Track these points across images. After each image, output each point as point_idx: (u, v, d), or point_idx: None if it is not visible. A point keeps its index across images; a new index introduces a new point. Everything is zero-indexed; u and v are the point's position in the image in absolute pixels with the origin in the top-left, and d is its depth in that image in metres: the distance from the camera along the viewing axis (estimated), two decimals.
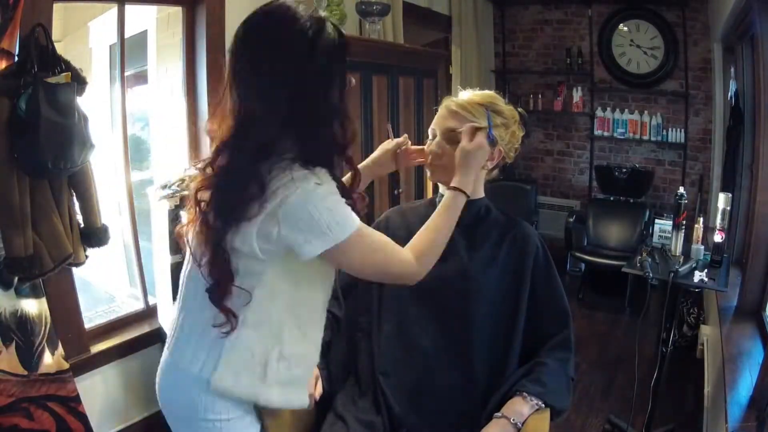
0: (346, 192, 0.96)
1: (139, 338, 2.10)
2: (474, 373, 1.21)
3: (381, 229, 1.35)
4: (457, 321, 1.23)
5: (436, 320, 1.24)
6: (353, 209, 0.96)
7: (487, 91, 1.29)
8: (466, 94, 1.27)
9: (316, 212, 0.88)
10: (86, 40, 2.92)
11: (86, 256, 1.79)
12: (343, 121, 0.94)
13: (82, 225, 1.77)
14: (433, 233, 1.07)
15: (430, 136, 1.28)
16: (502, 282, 1.24)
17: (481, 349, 1.22)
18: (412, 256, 1.02)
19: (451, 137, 1.21)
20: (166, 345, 1.07)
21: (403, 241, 1.31)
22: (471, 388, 1.21)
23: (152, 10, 2.61)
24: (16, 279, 1.59)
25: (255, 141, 0.88)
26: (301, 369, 1.04)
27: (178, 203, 1.91)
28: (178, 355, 1.01)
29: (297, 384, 1.04)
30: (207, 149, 2.38)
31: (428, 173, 1.31)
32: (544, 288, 1.26)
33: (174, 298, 1.95)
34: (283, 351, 0.99)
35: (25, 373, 1.64)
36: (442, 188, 1.33)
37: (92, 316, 2.85)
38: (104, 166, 2.26)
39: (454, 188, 1.11)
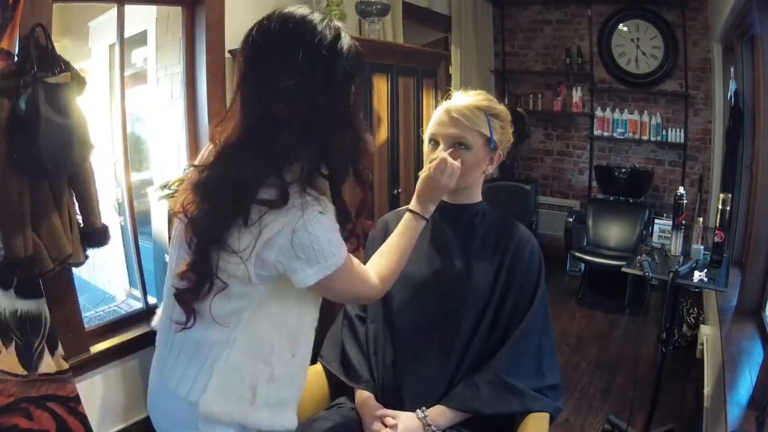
0: (347, 214, 0.95)
1: (139, 338, 2.10)
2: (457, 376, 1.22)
3: (380, 235, 1.36)
4: (450, 324, 1.23)
5: (427, 324, 1.24)
6: (353, 233, 0.97)
7: (480, 92, 1.27)
8: (461, 98, 1.25)
9: (316, 242, 0.87)
10: (86, 40, 2.92)
11: (86, 256, 1.79)
12: (357, 131, 0.92)
13: (82, 225, 1.77)
14: (395, 257, 1.09)
15: (429, 144, 1.25)
16: (495, 285, 1.24)
17: (469, 352, 1.22)
18: (378, 280, 1.04)
19: (457, 145, 1.20)
20: (154, 361, 1.04)
21: None
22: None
23: (152, 10, 2.62)
24: (15, 279, 1.59)
25: (271, 145, 0.85)
26: (289, 391, 1.02)
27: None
28: (165, 375, 0.99)
29: (286, 406, 1.02)
30: None
31: None
32: (527, 293, 1.24)
33: None
34: (273, 373, 0.97)
35: (25, 373, 1.63)
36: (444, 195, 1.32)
37: (92, 316, 2.86)
38: (104, 166, 2.26)
39: (415, 213, 1.13)
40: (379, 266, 1.07)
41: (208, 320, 0.91)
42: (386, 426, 1.16)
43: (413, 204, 1.15)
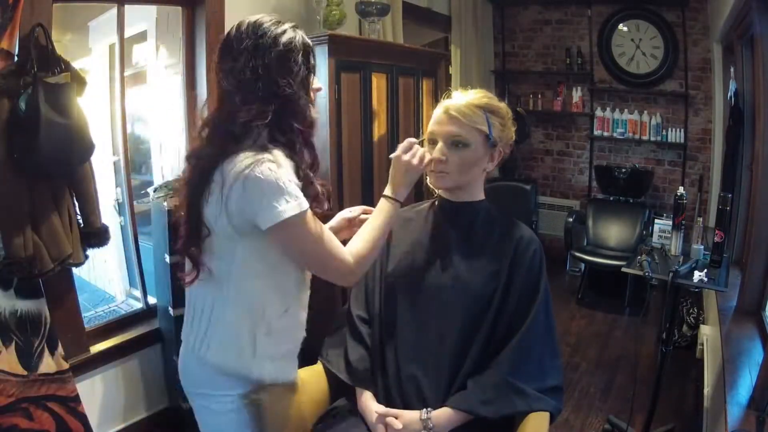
0: (306, 174, 1.06)
1: (138, 338, 2.10)
2: (457, 377, 1.21)
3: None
4: (451, 323, 1.23)
5: (429, 323, 1.24)
6: (316, 194, 1.07)
7: (480, 91, 1.28)
8: (461, 97, 1.25)
9: (267, 186, 0.96)
10: (86, 40, 2.92)
11: (86, 257, 1.79)
12: (302, 109, 1.06)
13: (82, 225, 1.77)
14: (370, 238, 1.13)
15: (428, 142, 1.26)
16: (497, 285, 1.23)
17: (471, 352, 1.21)
18: (351, 258, 1.09)
19: (455, 142, 1.21)
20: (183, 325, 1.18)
21: (407, 248, 1.32)
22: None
23: (152, 9, 2.62)
24: (15, 279, 1.59)
25: (233, 121, 1.00)
26: (288, 344, 1.13)
27: (178, 203, 1.91)
28: (186, 334, 1.13)
29: (287, 359, 1.14)
30: None
31: (429, 179, 1.29)
32: (529, 293, 1.23)
33: (173, 298, 1.96)
34: (270, 327, 1.07)
35: (25, 373, 1.64)
36: (440, 192, 1.32)
37: (92, 317, 2.87)
38: (104, 166, 2.26)
39: (387, 197, 1.18)
40: (352, 246, 1.12)
41: (206, 278, 1.05)
42: (388, 427, 1.16)
43: (387, 189, 1.20)
